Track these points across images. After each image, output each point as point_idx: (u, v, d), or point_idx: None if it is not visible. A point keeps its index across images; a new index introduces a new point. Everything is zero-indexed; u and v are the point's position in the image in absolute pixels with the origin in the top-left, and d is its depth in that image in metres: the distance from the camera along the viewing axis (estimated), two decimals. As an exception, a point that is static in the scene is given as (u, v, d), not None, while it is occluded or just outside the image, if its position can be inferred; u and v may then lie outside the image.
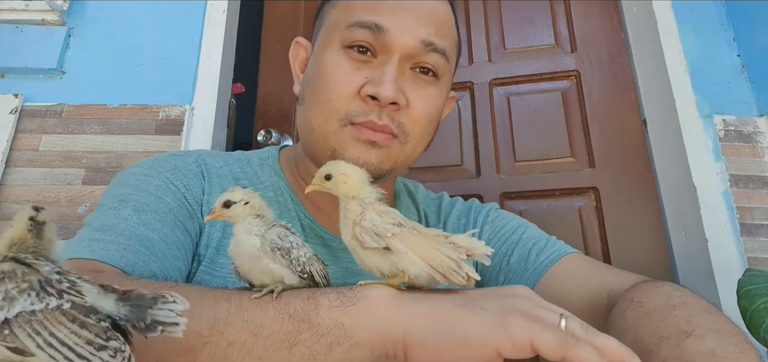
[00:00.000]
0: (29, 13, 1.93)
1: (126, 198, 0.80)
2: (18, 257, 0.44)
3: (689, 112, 1.84)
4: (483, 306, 0.54)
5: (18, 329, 0.40)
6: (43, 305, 0.41)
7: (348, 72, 0.86)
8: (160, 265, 0.74)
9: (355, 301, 0.56)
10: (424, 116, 0.89)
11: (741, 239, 1.67)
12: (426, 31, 0.86)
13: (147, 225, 0.76)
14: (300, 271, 0.60)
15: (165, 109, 1.87)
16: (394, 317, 0.55)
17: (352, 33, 0.86)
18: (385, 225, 0.59)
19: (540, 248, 0.94)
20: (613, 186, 1.93)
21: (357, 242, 0.60)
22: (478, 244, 0.61)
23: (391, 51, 0.85)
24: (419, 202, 1.07)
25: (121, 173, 0.88)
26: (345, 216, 0.62)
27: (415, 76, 0.88)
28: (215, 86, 1.92)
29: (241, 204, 0.61)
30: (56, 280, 0.43)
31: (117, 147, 1.81)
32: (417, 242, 0.58)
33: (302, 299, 0.57)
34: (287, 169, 1.00)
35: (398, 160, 0.89)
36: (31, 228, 0.45)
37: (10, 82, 1.89)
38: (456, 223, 1.04)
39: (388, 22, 0.84)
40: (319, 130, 0.87)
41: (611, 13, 2.16)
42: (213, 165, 0.93)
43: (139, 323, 0.44)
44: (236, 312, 0.57)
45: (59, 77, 1.91)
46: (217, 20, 2.03)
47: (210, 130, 1.86)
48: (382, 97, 0.82)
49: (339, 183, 0.63)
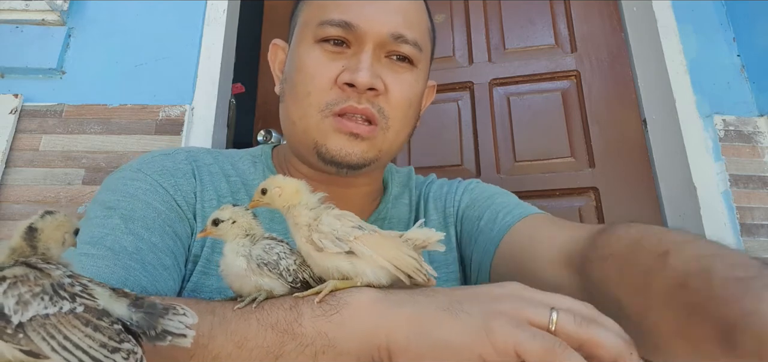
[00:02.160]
0: (29, 13, 1.93)
1: (114, 206, 0.78)
2: (29, 261, 0.44)
3: (689, 112, 1.85)
4: (467, 311, 0.52)
5: (32, 332, 0.40)
6: (56, 309, 0.41)
7: (324, 63, 0.86)
8: (151, 279, 0.73)
9: (337, 309, 0.56)
10: (403, 100, 0.89)
11: (741, 239, 1.68)
12: (395, 23, 0.87)
13: (135, 235, 0.75)
14: (292, 281, 0.60)
15: (165, 109, 1.87)
16: (377, 323, 0.54)
17: (325, 30, 0.87)
18: (345, 228, 0.59)
19: (508, 210, 0.92)
20: (613, 186, 1.93)
21: (312, 246, 0.59)
22: (430, 234, 0.61)
23: (364, 41, 0.86)
24: (413, 188, 1.07)
25: (110, 177, 0.87)
26: (295, 223, 0.62)
27: (391, 63, 0.89)
28: (215, 86, 1.93)
29: (229, 222, 0.61)
30: (68, 284, 0.43)
31: (117, 147, 1.81)
32: (379, 243, 0.59)
33: (285, 309, 0.57)
34: (279, 166, 0.99)
35: (383, 149, 0.89)
36: (25, 236, 0.45)
37: (10, 82, 1.89)
38: (438, 192, 1.04)
39: (358, 19, 0.86)
40: (300, 123, 0.88)
41: (611, 13, 2.16)
42: (204, 162, 0.92)
43: (149, 331, 0.44)
44: (220, 324, 0.56)
45: (59, 77, 1.91)
46: (217, 20, 2.03)
47: (210, 130, 1.86)
48: (359, 83, 0.83)
49: (275, 197, 0.63)
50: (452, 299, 0.55)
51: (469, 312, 0.52)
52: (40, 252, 0.46)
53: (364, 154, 0.86)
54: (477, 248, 0.92)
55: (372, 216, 0.98)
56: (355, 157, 0.85)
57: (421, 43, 0.91)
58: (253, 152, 1.02)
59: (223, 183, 0.90)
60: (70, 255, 0.71)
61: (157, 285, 0.74)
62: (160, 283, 0.75)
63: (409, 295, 0.57)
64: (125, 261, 0.72)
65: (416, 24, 0.91)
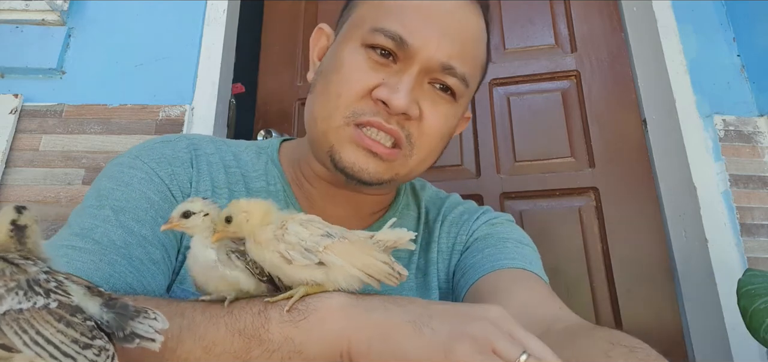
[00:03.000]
0: (29, 13, 1.94)
1: (107, 195, 0.79)
2: (6, 257, 0.44)
3: (689, 112, 1.84)
4: (433, 327, 0.51)
5: (5, 326, 0.41)
6: (30, 304, 0.42)
7: (364, 70, 0.82)
8: (137, 275, 0.73)
9: (305, 315, 0.55)
10: (436, 132, 0.86)
11: (741, 239, 1.67)
12: (450, 51, 0.82)
13: (125, 228, 0.75)
14: (259, 274, 0.59)
15: (165, 109, 1.87)
16: (342, 329, 0.54)
17: (375, 37, 0.82)
18: (314, 237, 0.57)
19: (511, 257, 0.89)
20: (613, 186, 1.93)
21: (282, 259, 0.57)
22: (401, 234, 0.60)
23: (412, 61, 0.81)
24: (422, 201, 1.04)
25: (110, 163, 0.86)
26: (255, 241, 0.58)
27: (433, 91, 0.84)
28: (215, 86, 1.93)
29: (200, 215, 0.59)
30: (44, 279, 0.44)
31: (117, 147, 1.82)
32: (349, 251, 0.57)
33: (253, 314, 0.57)
34: (287, 161, 0.97)
35: (400, 173, 0.86)
36: (13, 234, 0.45)
37: (10, 82, 1.90)
38: (457, 219, 1.00)
39: (414, 36, 0.81)
40: (322, 124, 0.84)
41: (611, 13, 2.15)
42: (204, 151, 0.91)
43: (118, 331, 0.44)
44: (188, 328, 0.57)
45: (59, 77, 1.92)
46: (217, 20, 2.03)
47: (210, 130, 1.86)
48: (394, 105, 0.79)
49: (242, 224, 0.58)
50: (424, 312, 0.53)
51: (435, 328, 0.51)
52: (28, 248, 0.46)
53: (378, 173, 0.83)
54: (464, 275, 0.91)
55: (377, 225, 0.97)
56: (368, 174, 0.82)
57: (469, 78, 0.86)
58: (259, 144, 1.00)
59: (221, 174, 0.89)
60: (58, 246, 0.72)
61: (143, 281, 0.74)
62: (147, 279, 0.75)
63: (381, 302, 0.56)
64: (112, 256, 0.72)
65: (470, 57, 0.86)
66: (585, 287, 1.83)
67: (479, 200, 1.86)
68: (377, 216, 0.99)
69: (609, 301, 1.80)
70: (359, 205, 0.95)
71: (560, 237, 1.90)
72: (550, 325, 0.69)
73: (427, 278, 0.95)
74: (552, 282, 0.92)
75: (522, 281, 0.84)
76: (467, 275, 0.89)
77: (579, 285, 1.83)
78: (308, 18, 2.26)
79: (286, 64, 2.20)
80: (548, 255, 1.82)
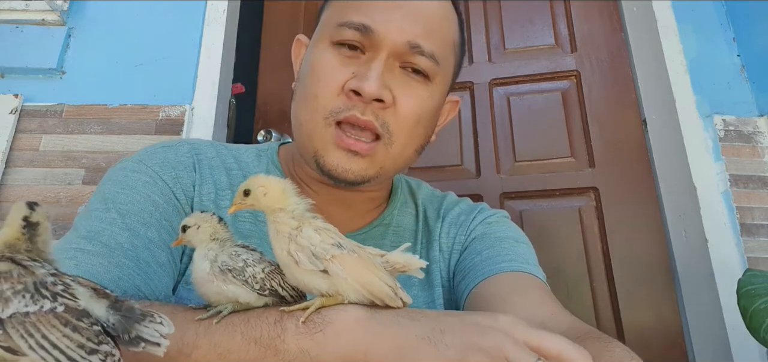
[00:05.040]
0: (29, 13, 1.94)
1: (113, 198, 0.79)
2: (15, 258, 0.44)
3: (689, 112, 1.84)
4: (446, 342, 0.51)
5: (11, 329, 0.40)
6: (37, 307, 0.41)
7: (334, 67, 0.84)
8: (145, 277, 0.74)
9: (321, 327, 0.55)
10: (411, 115, 0.85)
11: (741, 239, 1.67)
12: (414, 31, 0.83)
13: (132, 231, 0.76)
14: (259, 289, 0.59)
15: (165, 109, 1.87)
16: (357, 342, 0.54)
17: (341, 32, 0.84)
18: (324, 245, 0.57)
19: (509, 258, 0.89)
20: (613, 186, 1.93)
21: (292, 259, 0.57)
22: (411, 260, 0.60)
23: (379, 48, 0.83)
24: (419, 200, 1.05)
25: (113, 168, 0.87)
26: (276, 230, 0.59)
27: (405, 75, 0.85)
28: (215, 86, 1.93)
29: (195, 228, 0.61)
30: (51, 282, 0.43)
31: (117, 147, 1.82)
32: (356, 266, 0.57)
33: (269, 323, 0.57)
34: (285, 163, 0.99)
35: (385, 165, 0.86)
36: (25, 231, 0.45)
37: (10, 82, 1.90)
38: (455, 220, 1.01)
39: (376, 22, 0.82)
40: (306, 126, 0.86)
41: (611, 13, 2.16)
42: (206, 155, 0.92)
43: (123, 334, 0.44)
44: (204, 335, 0.57)
45: (59, 77, 1.92)
46: (217, 20, 2.03)
47: (210, 130, 1.86)
48: (365, 92, 0.80)
49: (259, 197, 0.60)
50: (436, 327, 0.53)
51: (449, 343, 0.51)
52: (37, 247, 0.46)
53: (362, 171, 0.84)
54: (464, 278, 0.91)
55: (376, 222, 0.98)
56: (353, 174, 0.83)
57: (439, 56, 0.86)
58: (259, 147, 1.01)
59: (222, 176, 0.90)
60: (65, 248, 0.72)
61: (150, 283, 0.74)
62: (153, 281, 0.75)
63: (394, 316, 0.56)
64: (120, 259, 0.73)
65: (438, 35, 0.87)
66: (585, 287, 1.83)
67: (479, 200, 1.83)
68: (375, 213, 0.99)
69: (609, 301, 1.81)
70: (354, 204, 0.96)
71: (560, 237, 1.90)
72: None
73: (431, 276, 0.96)
74: (552, 282, 0.93)
75: (518, 285, 0.85)
76: (467, 278, 0.90)
77: (579, 285, 1.83)
78: (308, 18, 2.25)
79: (286, 64, 2.15)
80: (548, 256, 1.84)
